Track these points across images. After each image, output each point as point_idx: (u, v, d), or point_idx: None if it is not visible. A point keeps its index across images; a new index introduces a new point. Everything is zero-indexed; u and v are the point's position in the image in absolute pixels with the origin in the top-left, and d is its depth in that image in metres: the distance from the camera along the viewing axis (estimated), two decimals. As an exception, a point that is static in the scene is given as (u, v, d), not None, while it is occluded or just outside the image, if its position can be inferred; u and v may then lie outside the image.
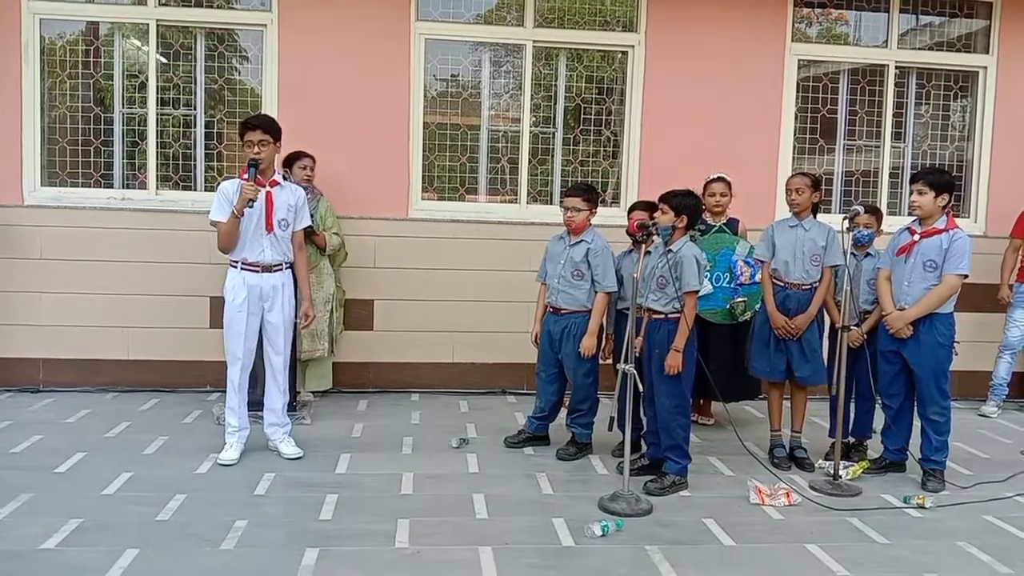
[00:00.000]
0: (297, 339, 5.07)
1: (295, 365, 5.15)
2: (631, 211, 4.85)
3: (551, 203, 6.27)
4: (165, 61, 6.02)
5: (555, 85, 6.34)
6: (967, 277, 4.31)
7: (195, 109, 6.04)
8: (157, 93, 5.94)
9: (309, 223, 4.62)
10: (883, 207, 6.11)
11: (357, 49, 5.92)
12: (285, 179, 4.70)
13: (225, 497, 3.93)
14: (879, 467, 4.59)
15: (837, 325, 4.52)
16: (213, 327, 5.61)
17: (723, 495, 4.19)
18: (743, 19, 6.20)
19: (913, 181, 4.41)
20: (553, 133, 6.36)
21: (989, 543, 3.68)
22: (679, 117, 6.16)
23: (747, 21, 6.21)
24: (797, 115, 6.44)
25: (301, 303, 4.53)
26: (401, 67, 5.97)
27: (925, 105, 6.72)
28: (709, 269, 4.88)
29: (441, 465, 4.51)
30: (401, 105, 6.00)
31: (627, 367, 3.93)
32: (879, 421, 4.76)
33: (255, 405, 4.64)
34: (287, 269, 4.47)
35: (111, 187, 5.99)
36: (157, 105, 5.94)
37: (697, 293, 4.17)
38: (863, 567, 3.40)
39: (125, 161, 6.03)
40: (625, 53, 6.27)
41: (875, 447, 4.81)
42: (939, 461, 4.41)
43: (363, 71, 5.94)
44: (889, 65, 6.49)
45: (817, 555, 3.50)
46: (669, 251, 4.17)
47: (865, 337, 4.63)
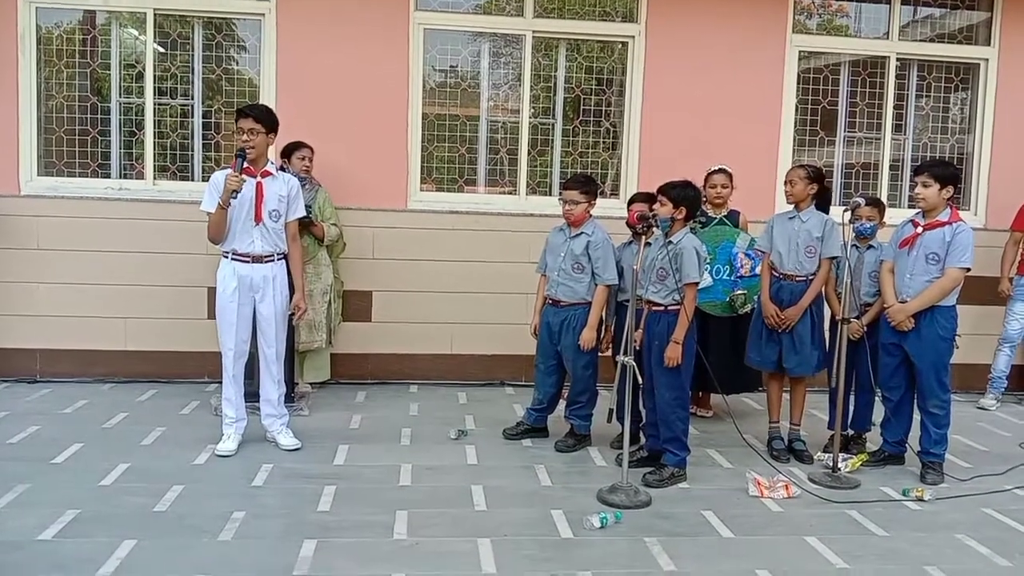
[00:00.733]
0: (295, 330, 5.05)
1: (292, 356, 5.13)
2: (631, 203, 4.82)
3: (550, 194, 6.24)
4: (162, 51, 5.99)
5: (555, 76, 6.31)
6: (970, 271, 4.29)
7: (193, 99, 6.01)
8: (154, 83, 5.90)
9: (304, 214, 4.57)
10: (883, 199, 6.08)
11: (356, 39, 5.89)
12: (282, 170, 4.67)
13: (223, 488, 3.92)
14: (878, 460, 4.59)
15: (837, 317, 4.51)
16: (211, 318, 5.54)
17: (722, 487, 4.19)
18: (744, 10, 6.17)
19: (918, 173, 4.38)
20: (552, 124, 6.34)
21: (988, 536, 3.68)
22: (679, 109, 6.13)
23: (748, 12, 6.18)
24: (797, 107, 6.41)
25: (294, 294, 4.50)
26: (400, 57, 5.94)
27: (926, 97, 6.69)
28: (709, 261, 4.87)
29: (439, 457, 4.50)
30: (400, 96, 5.97)
31: (626, 359, 3.92)
32: (878, 414, 4.77)
33: (253, 396, 4.61)
34: (279, 260, 4.41)
35: (108, 177, 5.97)
36: (154, 95, 5.91)
37: (697, 285, 4.16)
38: (862, 559, 3.40)
39: (122, 151, 6.01)
40: (625, 44, 6.24)
41: (874, 440, 4.81)
42: (938, 454, 4.41)
43: (362, 61, 5.91)
44: (890, 57, 6.47)
45: (816, 547, 3.50)
46: (669, 243, 4.15)
47: (865, 329, 4.62)
